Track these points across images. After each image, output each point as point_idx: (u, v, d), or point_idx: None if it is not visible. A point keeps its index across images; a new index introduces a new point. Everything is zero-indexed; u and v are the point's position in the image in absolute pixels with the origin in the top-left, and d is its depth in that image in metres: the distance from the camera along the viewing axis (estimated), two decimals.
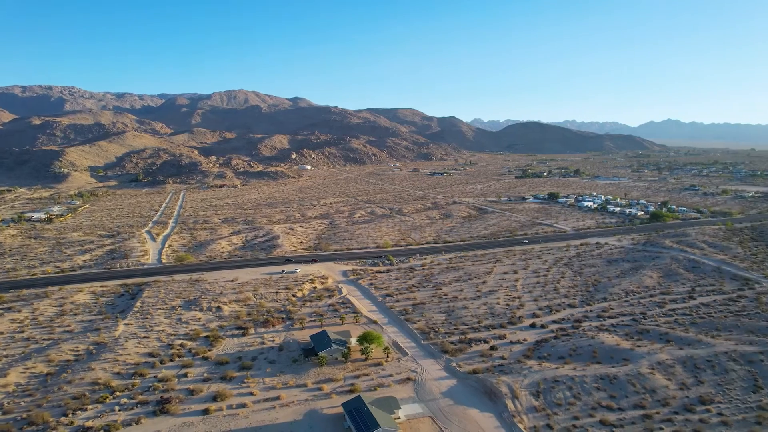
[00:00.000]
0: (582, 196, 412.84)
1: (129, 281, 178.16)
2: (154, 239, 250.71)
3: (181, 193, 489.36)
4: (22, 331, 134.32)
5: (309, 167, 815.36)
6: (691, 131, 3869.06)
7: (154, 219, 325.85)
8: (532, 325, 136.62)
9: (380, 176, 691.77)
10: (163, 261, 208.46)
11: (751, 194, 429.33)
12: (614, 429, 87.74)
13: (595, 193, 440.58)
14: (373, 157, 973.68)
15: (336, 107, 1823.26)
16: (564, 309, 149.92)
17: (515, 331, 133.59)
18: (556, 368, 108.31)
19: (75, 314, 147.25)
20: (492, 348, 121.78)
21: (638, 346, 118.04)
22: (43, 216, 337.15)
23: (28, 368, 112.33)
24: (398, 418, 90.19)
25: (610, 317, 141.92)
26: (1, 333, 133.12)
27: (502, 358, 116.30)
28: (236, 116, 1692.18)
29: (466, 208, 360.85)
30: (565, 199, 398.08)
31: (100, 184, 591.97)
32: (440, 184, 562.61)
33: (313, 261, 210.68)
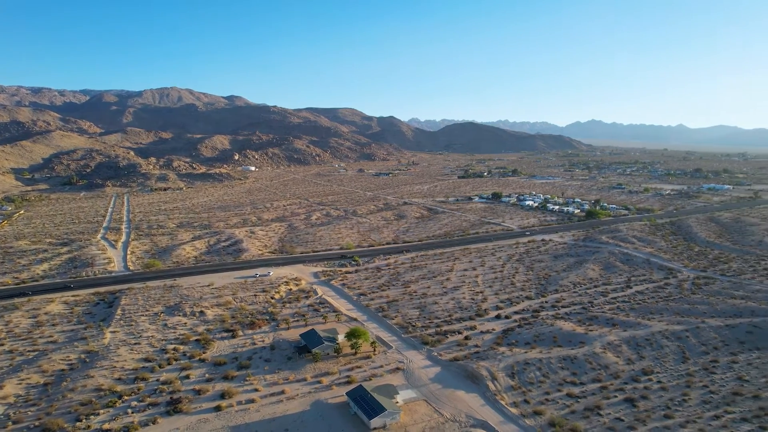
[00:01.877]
0: (523, 196, 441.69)
1: (101, 290, 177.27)
2: (114, 246, 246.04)
3: (125, 197, 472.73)
4: (2, 344, 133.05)
5: (253, 168, 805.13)
6: (613, 131, 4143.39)
7: (105, 225, 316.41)
8: (498, 317, 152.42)
9: (327, 177, 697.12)
10: (131, 268, 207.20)
11: (667, 192, 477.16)
12: (579, 400, 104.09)
13: (534, 192, 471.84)
14: (317, 158, 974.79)
15: (275, 106, 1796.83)
16: (522, 301, 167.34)
17: (483, 322, 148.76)
18: (525, 352, 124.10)
19: (53, 325, 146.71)
20: (466, 338, 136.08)
21: (590, 331, 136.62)
22: None
23: (22, 379, 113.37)
24: (397, 402, 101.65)
25: (563, 306, 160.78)
26: None
27: (477, 346, 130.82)
28: (171, 115, 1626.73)
29: (417, 209, 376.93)
30: (508, 199, 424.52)
31: (29, 188, 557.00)
32: (387, 185, 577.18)
33: (342, 257, 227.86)
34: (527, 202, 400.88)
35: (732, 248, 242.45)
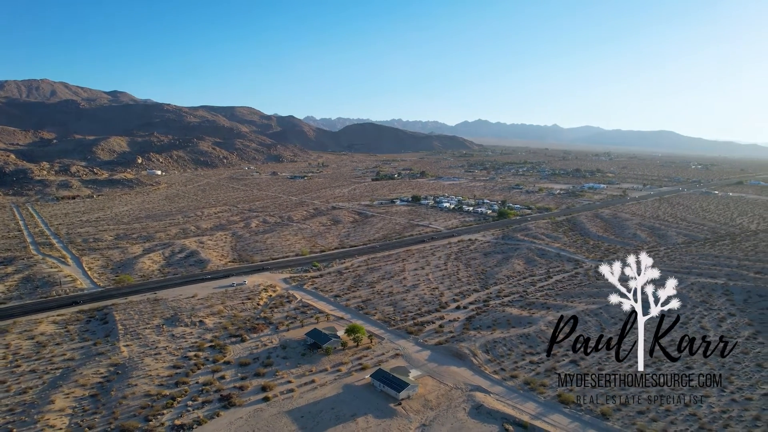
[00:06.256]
0: (439, 198, 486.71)
1: (84, 307, 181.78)
2: (65, 263, 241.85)
3: (29, 207, 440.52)
4: (18, 365, 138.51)
5: (158, 172, 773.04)
6: (498, 130, 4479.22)
7: (30, 240, 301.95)
8: (458, 307, 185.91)
9: (242, 181, 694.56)
10: (99, 284, 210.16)
11: (557, 191, 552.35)
12: (539, 365, 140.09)
13: (447, 194, 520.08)
14: (225, 160, 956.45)
15: (169, 104, 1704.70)
16: (472, 293, 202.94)
17: (448, 312, 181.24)
18: (491, 334, 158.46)
19: (57, 344, 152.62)
20: (440, 326, 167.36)
21: (533, 313, 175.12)
22: None
23: (67, 394, 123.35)
24: (411, 379, 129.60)
25: (505, 296, 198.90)
26: None
27: (451, 332, 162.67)
28: (47, 112, 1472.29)
29: (349, 213, 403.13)
30: (426, 201, 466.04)
31: None
32: (307, 189, 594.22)
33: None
34: (444, 204, 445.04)
35: (616, 240, 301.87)
